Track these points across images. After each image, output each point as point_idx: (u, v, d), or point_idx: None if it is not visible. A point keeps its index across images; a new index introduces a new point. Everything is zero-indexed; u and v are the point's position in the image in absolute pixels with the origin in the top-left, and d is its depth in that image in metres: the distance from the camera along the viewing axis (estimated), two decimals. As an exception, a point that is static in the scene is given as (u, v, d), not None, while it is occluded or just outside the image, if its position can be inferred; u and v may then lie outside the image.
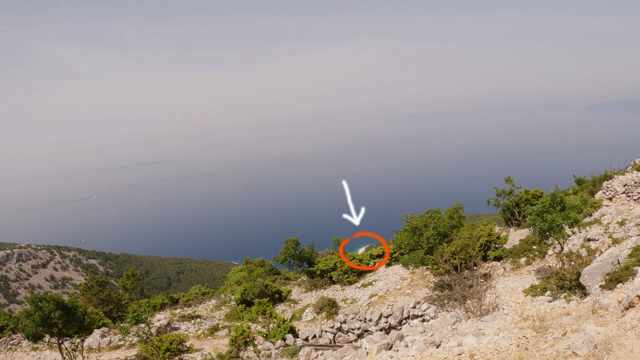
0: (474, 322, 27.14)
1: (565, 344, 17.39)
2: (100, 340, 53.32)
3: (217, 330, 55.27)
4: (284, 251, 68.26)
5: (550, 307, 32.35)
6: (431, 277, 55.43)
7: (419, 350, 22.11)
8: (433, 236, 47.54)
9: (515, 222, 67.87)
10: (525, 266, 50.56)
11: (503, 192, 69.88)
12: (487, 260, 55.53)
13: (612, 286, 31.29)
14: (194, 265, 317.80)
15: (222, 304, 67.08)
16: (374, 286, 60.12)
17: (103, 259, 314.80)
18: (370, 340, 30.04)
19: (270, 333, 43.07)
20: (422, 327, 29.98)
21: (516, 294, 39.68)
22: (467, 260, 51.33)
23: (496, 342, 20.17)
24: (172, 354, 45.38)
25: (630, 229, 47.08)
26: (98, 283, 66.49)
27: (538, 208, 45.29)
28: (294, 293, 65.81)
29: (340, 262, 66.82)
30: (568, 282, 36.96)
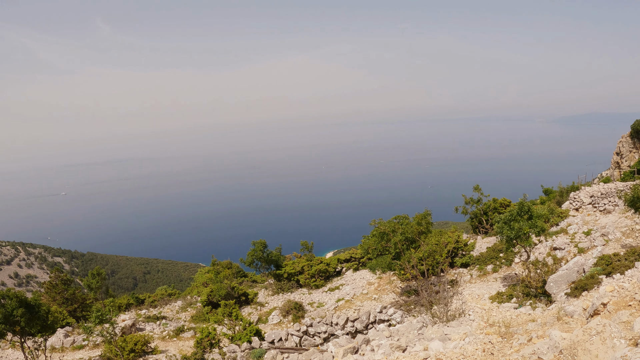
0: (440, 328, 27.23)
1: (530, 350, 17.49)
2: (64, 339, 52.64)
3: (183, 332, 54.88)
4: (252, 253, 68.07)
5: (516, 314, 32.57)
6: (398, 283, 55.61)
7: (385, 355, 22.15)
8: (401, 242, 47.68)
9: (482, 230, 68.37)
10: (492, 273, 50.97)
11: (471, 200, 70.41)
12: (454, 267, 55.88)
13: (577, 294, 31.62)
14: (161, 266, 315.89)
15: (188, 306, 66.68)
16: (341, 290, 60.21)
17: (69, 257, 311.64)
18: (336, 343, 30.05)
19: (236, 335, 42.88)
20: (389, 331, 30.03)
21: (482, 301, 39.92)
22: (434, 267, 51.56)
23: (462, 347, 20.25)
24: (137, 355, 44.96)
25: (596, 239, 47.74)
26: (63, 281, 65.66)
27: (506, 216, 45.77)
28: (261, 296, 65.63)
29: (308, 265, 66.84)
30: (534, 290, 37.30)
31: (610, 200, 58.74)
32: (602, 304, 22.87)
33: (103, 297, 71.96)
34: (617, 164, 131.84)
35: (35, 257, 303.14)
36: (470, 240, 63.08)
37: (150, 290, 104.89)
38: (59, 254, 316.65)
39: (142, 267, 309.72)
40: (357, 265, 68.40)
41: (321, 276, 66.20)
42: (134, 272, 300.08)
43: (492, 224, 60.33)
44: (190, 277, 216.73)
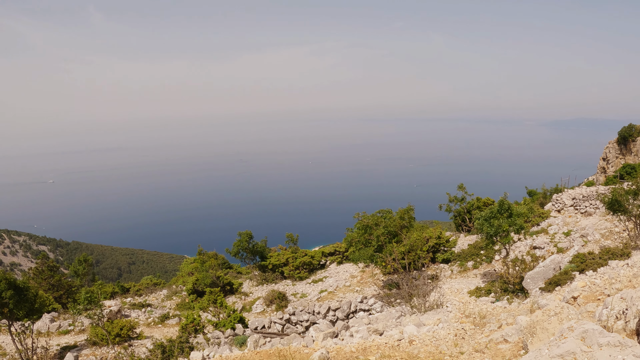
0: (418, 317, 28.23)
1: (499, 334, 18.51)
2: (50, 324, 53.25)
3: (168, 319, 55.57)
4: (238, 244, 69.00)
5: (492, 307, 33.53)
6: (380, 276, 56.60)
7: (363, 338, 23.11)
8: (383, 235, 48.66)
9: (465, 228, 69.41)
10: (472, 269, 51.98)
11: (455, 198, 71.44)
12: (436, 262, 56.90)
13: (551, 289, 32.74)
14: (146, 257, 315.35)
15: (173, 294, 67.41)
16: (324, 282, 61.19)
17: (53, 246, 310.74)
18: (317, 329, 31.01)
19: (220, 322, 43.63)
20: (368, 319, 31.05)
21: (461, 294, 40.98)
22: (416, 261, 52.61)
23: (435, 331, 21.24)
24: (122, 339, 45.66)
25: (575, 239, 48.77)
26: (49, 268, 66.16)
27: (486, 213, 46.83)
28: (245, 286, 66.49)
29: (293, 257, 67.78)
30: (512, 286, 38.32)
31: (591, 203, 59.75)
32: (572, 297, 23.92)
33: (89, 284, 72.62)
34: (603, 169, 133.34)
35: (20, 244, 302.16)
36: (452, 237, 64.20)
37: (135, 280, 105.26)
38: (43, 242, 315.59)
39: (127, 258, 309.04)
40: (341, 258, 69.39)
41: (305, 268, 67.17)
42: (119, 263, 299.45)
43: (474, 222, 61.54)
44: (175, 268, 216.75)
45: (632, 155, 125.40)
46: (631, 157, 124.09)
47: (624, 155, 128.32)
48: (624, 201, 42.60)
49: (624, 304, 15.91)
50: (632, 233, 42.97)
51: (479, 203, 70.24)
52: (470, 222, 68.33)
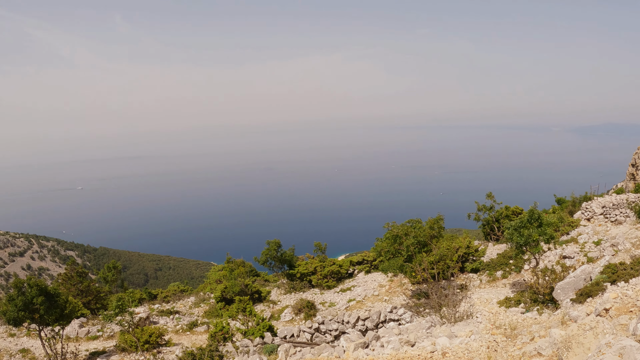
0: (448, 327, 28.18)
1: (532, 347, 18.49)
2: (79, 330, 53.73)
3: (196, 326, 55.79)
4: (266, 252, 69.15)
5: (522, 318, 33.35)
6: (409, 286, 56.46)
7: (394, 349, 23.13)
8: (413, 245, 48.65)
9: (494, 237, 69.03)
10: (501, 279, 51.66)
11: (484, 207, 71.08)
12: (465, 271, 56.64)
13: (582, 300, 32.48)
14: (172, 263, 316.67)
15: (201, 302, 67.63)
16: (352, 291, 61.13)
17: (81, 251, 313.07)
18: (347, 339, 31.00)
19: (249, 330, 43.71)
20: (398, 329, 31.01)
21: (490, 305, 40.80)
22: (445, 271, 52.44)
23: (467, 343, 21.24)
24: (151, 346, 45.99)
25: (606, 249, 48.28)
26: (78, 274, 66.68)
27: (516, 223, 46.61)
28: (273, 294, 66.61)
29: (320, 266, 67.81)
30: (541, 296, 38.05)
31: (621, 211, 59.18)
32: (604, 309, 23.77)
33: (118, 290, 73.12)
34: (633, 175, 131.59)
35: (48, 249, 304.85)
36: (481, 247, 63.90)
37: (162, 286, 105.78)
38: (71, 247, 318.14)
39: (153, 264, 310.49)
40: (369, 267, 69.33)
41: (333, 277, 67.16)
42: (146, 268, 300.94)
43: (503, 231, 61.17)
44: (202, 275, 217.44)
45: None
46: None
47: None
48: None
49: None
50: (664, 242, 42.58)
51: (507, 212, 69.85)
52: (499, 231, 67.96)
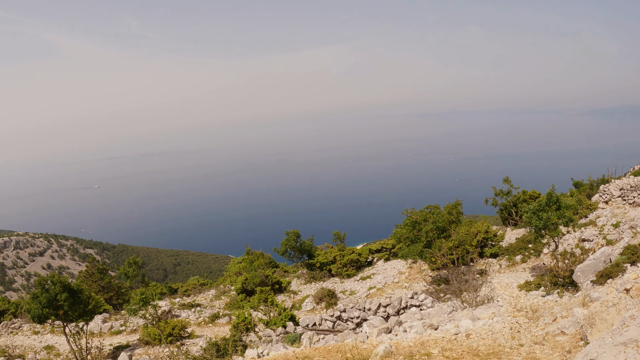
0: (470, 311, 28.39)
1: (554, 327, 18.70)
2: (102, 325, 54.30)
3: (218, 318, 56.16)
4: (285, 243, 69.49)
5: (543, 301, 33.52)
6: (428, 272, 56.65)
7: (418, 333, 23.38)
8: (432, 230, 48.88)
9: (512, 221, 69.03)
10: (521, 264, 51.72)
11: (501, 192, 71.05)
12: (484, 257, 56.73)
13: (602, 281, 32.62)
14: (191, 258, 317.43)
15: (221, 294, 68.07)
16: (372, 279, 61.31)
17: (100, 249, 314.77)
18: (370, 325, 31.31)
19: (272, 321, 43.99)
20: (420, 314, 31.28)
21: (511, 289, 40.96)
22: (464, 256, 52.63)
23: (490, 325, 21.47)
24: (175, 338, 46.39)
25: (624, 231, 48.21)
26: (99, 270, 67.31)
27: (534, 206, 46.64)
28: (294, 284, 66.92)
29: (340, 255, 68.08)
30: (561, 279, 38.15)
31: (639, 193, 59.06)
32: (625, 290, 23.89)
33: (139, 285, 73.64)
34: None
35: (67, 248, 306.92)
36: (500, 232, 63.92)
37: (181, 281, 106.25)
38: (90, 245, 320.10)
39: (172, 259, 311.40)
40: (388, 255, 69.49)
41: (353, 266, 67.39)
42: (164, 264, 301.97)
43: (521, 215, 61.12)
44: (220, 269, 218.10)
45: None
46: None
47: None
48: (674, 190, 42.23)
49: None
50: (684, 223, 42.56)
51: (525, 196, 69.80)
52: (517, 216, 67.97)
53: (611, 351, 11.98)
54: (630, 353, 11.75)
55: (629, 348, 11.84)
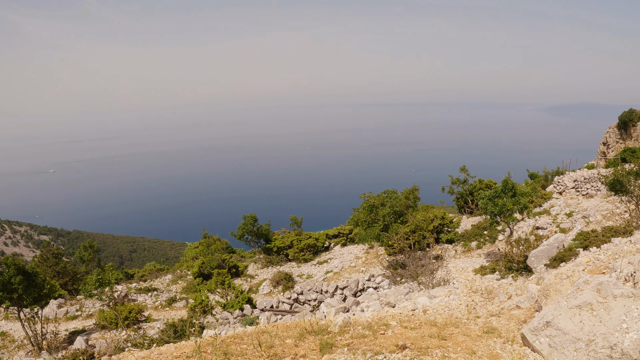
0: (426, 291, 28.80)
1: (510, 303, 19.13)
2: (57, 310, 53.69)
3: (175, 302, 55.97)
4: (242, 227, 69.49)
5: (498, 284, 34.06)
6: (385, 257, 57.12)
7: (376, 311, 23.66)
8: (389, 214, 49.34)
9: (468, 209, 69.92)
10: (476, 249, 52.53)
11: (458, 180, 71.95)
12: (440, 242, 57.40)
13: (555, 265, 33.29)
14: (147, 245, 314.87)
15: (178, 279, 67.88)
16: (329, 264, 61.68)
17: (55, 236, 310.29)
18: (328, 305, 31.54)
19: (229, 303, 44.01)
20: (377, 295, 31.61)
21: (466, 273, 41.56)
22: (421, 241, 53.23)
23: (447, 302, 21.85)
24: (131, 322, 46.16)
25: (577, 220, 49.43)
26: (54, 255, 66.47)
27: (490, 193, 47.42)
28: (251, 269, 67.00)
29: (297, 240, 68.35)
30: (516, 264, 38.81)
31: (592, 185, 60.39)
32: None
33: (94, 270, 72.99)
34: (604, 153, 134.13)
35: (21, 235, 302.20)
36: (456, 219, 64.78)
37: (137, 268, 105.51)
38: (45, 232, 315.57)
39: (128, 246, 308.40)
40: (345, 240, 69.97)
41: (310, 250, 67.71)
42: (120, 251, 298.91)
43: (477, 203, 61.91)
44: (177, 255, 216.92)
45: (632, 140, 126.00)
46: (631, 142, 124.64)
47: (624, 140, 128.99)
48: (625, 182, 43.13)
49: (632, 267, 16.48)
50: (634, 213, 43.55)
51: (481, 185, 70.73)
52: (473, 204, 68.87)
53: (566, 314, 12.34)
54: (585, 315, 12.14)
55: (584, 310, 12.22)
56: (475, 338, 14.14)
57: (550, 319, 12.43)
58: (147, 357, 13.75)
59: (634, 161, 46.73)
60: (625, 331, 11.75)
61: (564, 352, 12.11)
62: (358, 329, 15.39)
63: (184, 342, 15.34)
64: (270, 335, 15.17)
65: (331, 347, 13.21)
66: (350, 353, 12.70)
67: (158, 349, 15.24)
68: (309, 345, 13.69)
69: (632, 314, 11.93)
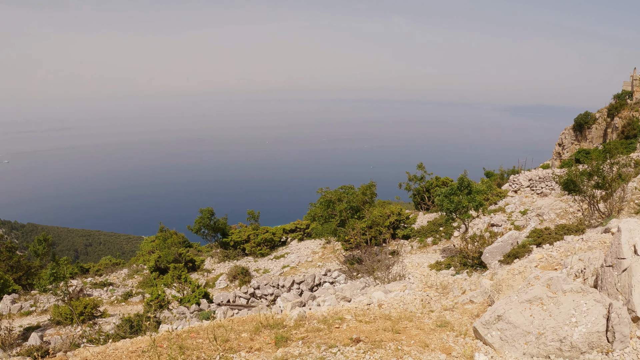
0: (382, 286, 29.06)
1: (464, 297, 19.45)
2: (11, 306, 53.01)
3: (131, 297, 55.64)
4: (199, 220, 69.29)
5: (453, 279, 34.47)
6: (342, 252, 57.43)
7: (332, 305, 23.85)
8: (346, 210, 49.71)
9: (424, 206, 70.60)
10: (432, 245, 53.10)
11: (415, 177, 72.57)
12: (396, 238, 57.85)
13: (509, 261, 33.82)
14: (103, 238, 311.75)
15: (134, 273, 67.52)
16: (286, 258, 61.88)
17: (8, 229, 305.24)
18: (284, 299, 31.65)
19: (185, 298, 43.93)
20: (333, 289, 31.79)
21: (422, 268, 41.97)
22: (377, 237, 53.64)
23: (402, 297, 22.12)
24: (87, 317, 45.77)
25: (532, 218, 50.30)
26: (7, 248, 65.69)
27: (446, 190, 48.16)
28: (207, 263, 66.92)
29: (254, 234, 68.38)
30: (471, 260, 39.39)
31: (547, 184, 61.64)
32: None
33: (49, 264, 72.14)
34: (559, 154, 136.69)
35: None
36: (412, 215, 65.37)
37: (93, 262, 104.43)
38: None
39: (83, 239, 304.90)
40: (302, 235, 70.18)
41: (267, 245, 67.80)
42: (76, 244, 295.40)
43: (433, 200, 62.60)
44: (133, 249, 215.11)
45: (587, 141, 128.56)
46: (586, 144, 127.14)
47: (579, 141, 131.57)
48: (579, 182, 44.00)
49: (582, 264, 16.91)
50: (587, 212, 44.45)
51: (437, 182, 71.45)
52: (429, 201, 69.54)
53: (517, 308, 12.66)
54: (536, 309, 12.48)
55: (534, 305, 12.55)
56: (428, 331, 14.38)
57: (502, 313, 12.73)
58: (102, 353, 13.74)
59: (587, 162, 47.70)
60: (575, 325, 12.11)
61: (514, 345, 12.44)
62: (313, 323, 15.54)
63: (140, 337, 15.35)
64: (226, 330, 15.24)
65: (286, 341, 13.35)
66: (304, 346, 12.85)
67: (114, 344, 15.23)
68: (264, 339, 13.81)
69: (581, 309, 12.30)
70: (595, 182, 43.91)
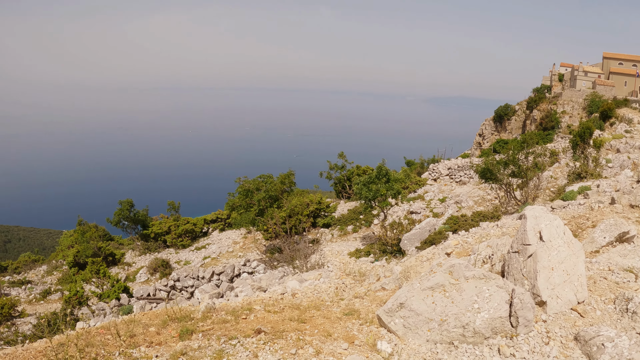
0: (300, 275, 29.14)
1: (377, 285, 19.57)
2: None
3: (50, 294, 54.81)
4: (119, 212, 68.21)
5: (371, 267, 34.76)
6: (262, 242, 57.47)
7: (247, 296, 23.79)
8: (264, 199, 49.76)
9: (345, 194, 71.07)
10: (352, 233, 53.51)
11: (336, 166, 73.01)
12: (317, 227, 58.11)
13: (425, 247, 34.34)
14: (22, 234, 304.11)
15: (54, 269, 66.32)
16: (207, 249, 61.65)
17: None
18: (202, 291, 31.48)
19: (105, 293, 43.32)
20: (252, 279, 31.76)
21: (341, 256, 42.24)
22: (297, 226, 53.80)
23: (316, 285, 22.16)
24: (4, 318, 44.70)
25: (450, 205, 51.31)
26: None
27: (365, 179, 48.67)
28: (128, 256, 66.14)
29: (175, 225, 67.78)
30: (390, 247, 39.91)
31: (465, 173, 63.07)
32: (446, 254, 25.25)
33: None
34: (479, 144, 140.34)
35: None
36: (333, 203, 65.72)
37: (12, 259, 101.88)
38: None
39: (2, 236, 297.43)
40: (223, 225, 69.94)
41: (188, 236, 67.39)
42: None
43: (353, 187, 63.22)
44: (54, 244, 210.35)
45: (506, 132, 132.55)
46: (505, 134, 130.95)
47: (499, 132, 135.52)
48: (495, 170, 44.99)
49: (490, 250, 17.23)
50: (503, 200, 45.56)
51: (358, 171, 71.98)
52: (350, 189, 70.04)
53: (419, 295, 12.81)
54: (438, 296, 12.67)
55: (436, 292, 12.74)
56: (334, 320, 14.44)
57: (404, 301, 12.86)
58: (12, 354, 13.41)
59: (504, 152, 48.86)
60: (477, 311, 12.32)
61: (417, 332, 12.60)
62: (221, 314, 15.45)
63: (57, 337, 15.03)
64: (135, 324, 15.05)
65: (191, 334, 13.24)
66: (204, 339, 12.76)
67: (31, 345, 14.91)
68: (170, 333, 13.67)
69: (484, 295, 12.52)
70: (512, 171, 44.98)
